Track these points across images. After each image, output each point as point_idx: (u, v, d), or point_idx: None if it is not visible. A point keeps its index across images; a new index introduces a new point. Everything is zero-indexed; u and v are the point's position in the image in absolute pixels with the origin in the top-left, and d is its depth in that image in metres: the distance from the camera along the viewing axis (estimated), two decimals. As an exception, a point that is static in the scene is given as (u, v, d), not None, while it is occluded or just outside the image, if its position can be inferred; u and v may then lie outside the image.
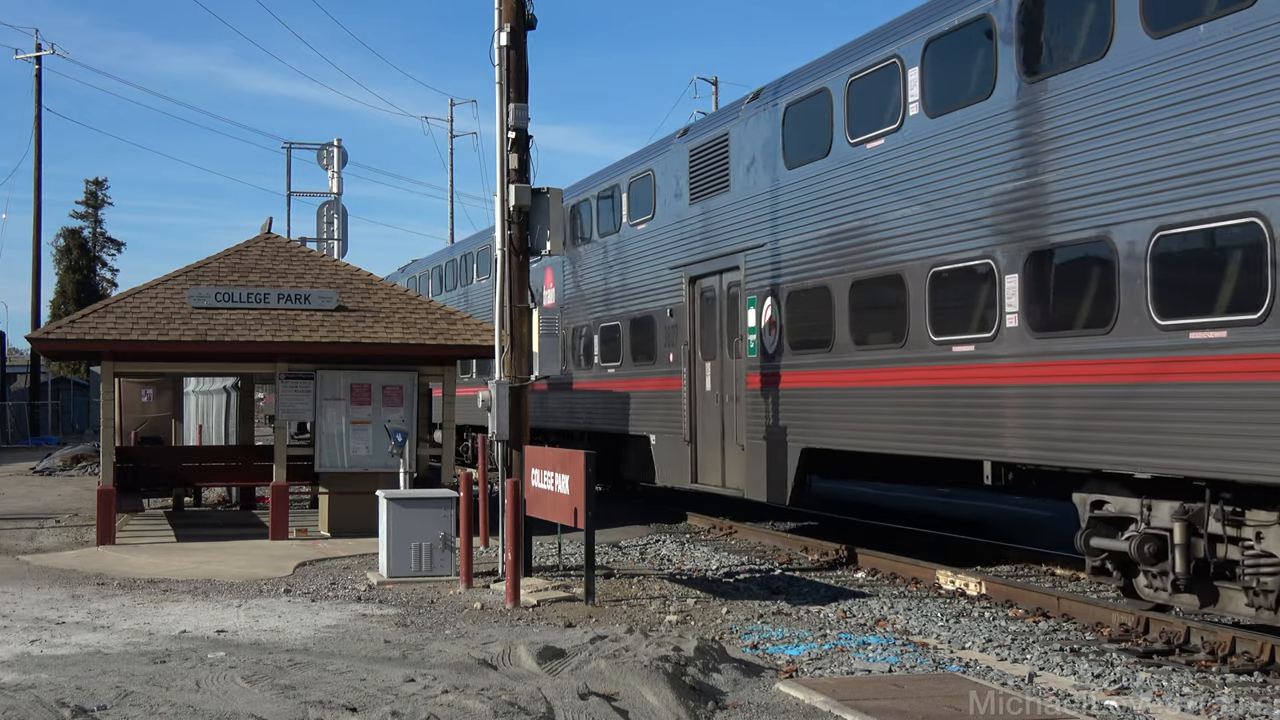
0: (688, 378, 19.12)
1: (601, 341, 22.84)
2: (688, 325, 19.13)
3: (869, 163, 14.71)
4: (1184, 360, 10.36)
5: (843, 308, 15.15)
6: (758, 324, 17.04)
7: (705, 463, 18.81)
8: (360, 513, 17.51)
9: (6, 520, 20.90)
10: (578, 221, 24.00)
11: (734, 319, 17.85)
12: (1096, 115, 11.29)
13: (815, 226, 15.80)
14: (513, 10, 14.28)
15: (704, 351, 18.85)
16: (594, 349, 23.21)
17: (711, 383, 18.59)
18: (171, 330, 17.39)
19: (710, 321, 18.67)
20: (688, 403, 19.08)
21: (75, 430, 61.47)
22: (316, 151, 40.37)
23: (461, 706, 7.96)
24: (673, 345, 19.65)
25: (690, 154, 19.23)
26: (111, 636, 10.74)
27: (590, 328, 23.36)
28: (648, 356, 20.67)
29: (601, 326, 22.82)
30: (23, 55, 51.55)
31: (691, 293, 19.13)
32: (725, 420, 18.13)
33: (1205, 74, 10.14)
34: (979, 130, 12.87)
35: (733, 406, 17.86)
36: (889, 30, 14.71)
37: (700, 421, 18.93)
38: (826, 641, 10.58)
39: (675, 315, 19.59)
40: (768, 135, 17.01)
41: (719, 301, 18.34)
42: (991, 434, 12.71)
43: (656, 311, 20.31)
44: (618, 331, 22.02)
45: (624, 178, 21.96)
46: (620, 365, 21.88)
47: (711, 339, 18.60)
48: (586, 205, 23.68)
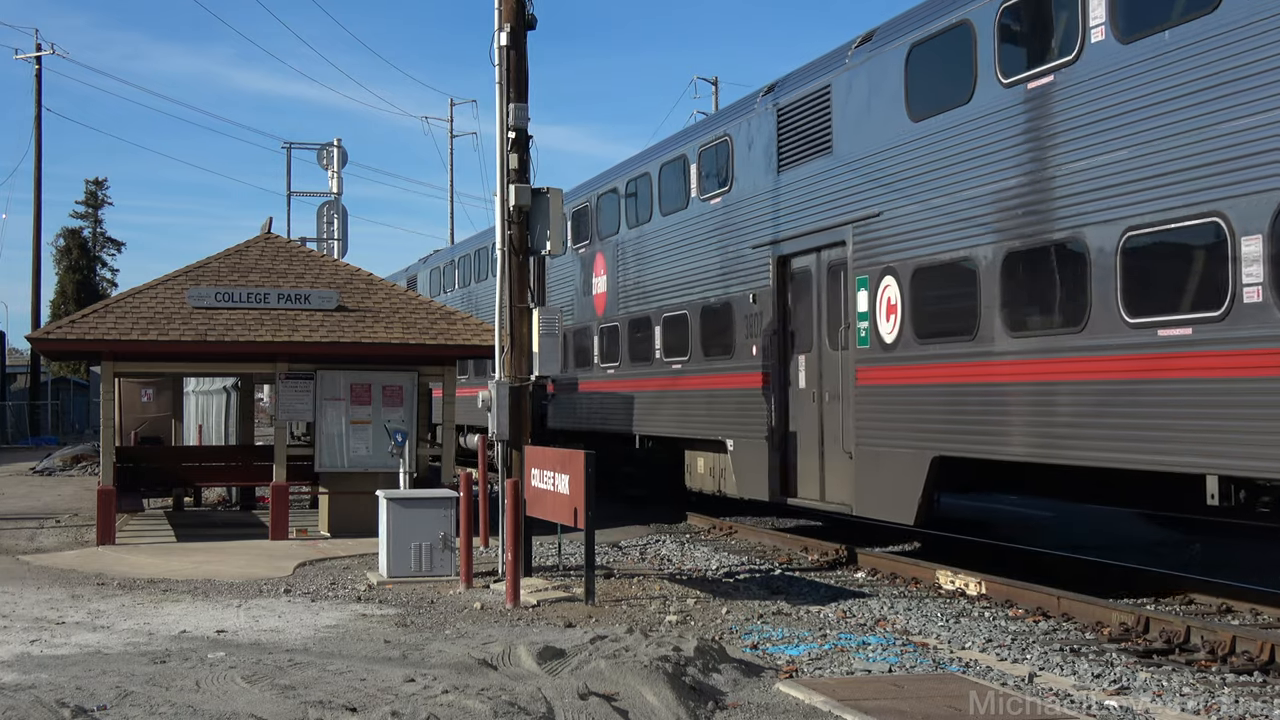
0: (775, 373, 16.79)
1: (664, 334, 20.53)
2: (775, 312, 16.78)
3: (1031, 106, 12.28)
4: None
5: (991, 286, 12.72)
6: (871, 308, 14.63)
7: (799, 473, 16.38)
8: (360, 513, 17.52)
9: (6, 520, 20.90)
10: (632, 201, 21.89)
11: (836, 303, 15.52)
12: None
13: (954, 188, 13.30)
14: (513, 10, 14.28)
15: (796, 343, 16.52)
16: (654, 342, 20.83)
17: (806, 379, 16.22)
18: (171, 330, 17.40)
19: (805, 307, 16.33)
20: (775, 403, 16.79)
21: (75, 430, 61.49)
22: (316, 151, 40.37)
23: (461, 706, 7.96)
24: (755, 336, 17.34)
25: (779, 114, 16.77)
26: (111, 636, 10.74)
27: (650, 318, 21.02)
28: (723, 350, 18.37)
29: (665, 317, 20.45)
30: (23, 55, 51.62)
31: (780, 274, 16.77)
32: (825, 423, 15.79)
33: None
34: (1208, 51, 10.40)
35: (835, 407, 15.52)
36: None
37: (792, 425, 16.62)
38: (826, 641, 10.58)
39: (759, 301, 17.21)
40: (885, 83, 14.52)
41: (817, 284, 15.98)
42: (1217, 440, 10.35)
43: (735, 298, 17.96)
44: (684, 322, 19.72)
45: (691, 147, 19.63)
46: (688, 360, 19.58)
47: (806, 328, 16.28)
48: (643, 181, 21.40)
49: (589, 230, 23.87)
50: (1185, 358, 10.66)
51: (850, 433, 15.01)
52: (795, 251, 16.46)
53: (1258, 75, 9.97)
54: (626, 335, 21.98)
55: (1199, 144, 10.50)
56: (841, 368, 15.33)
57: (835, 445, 15.50)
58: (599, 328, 23.34)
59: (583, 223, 24.22)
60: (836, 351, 15.51)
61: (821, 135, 15.80)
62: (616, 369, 22.40)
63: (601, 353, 23.23)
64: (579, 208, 24.30)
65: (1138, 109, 11.13)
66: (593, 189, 24.02)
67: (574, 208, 24.35)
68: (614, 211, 22.67)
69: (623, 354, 22.08)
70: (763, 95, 17.53)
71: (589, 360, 23.80)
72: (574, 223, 24.46)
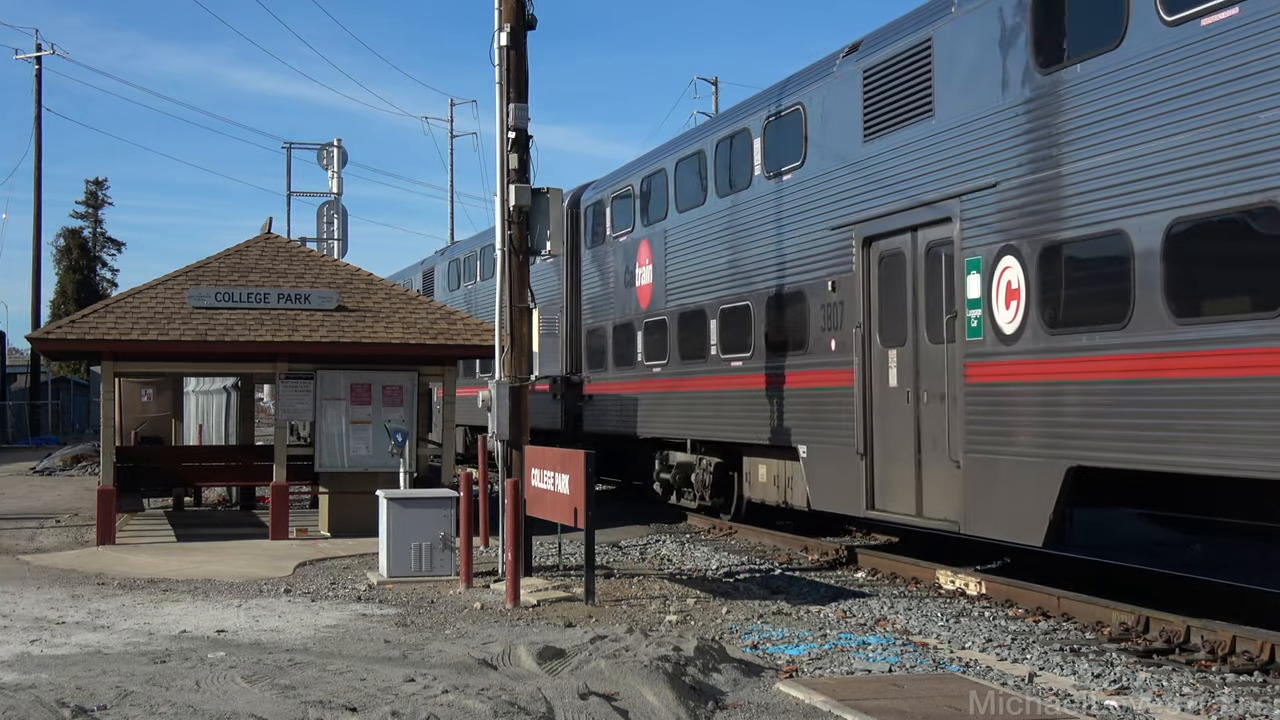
0: (860, 370, 14.84)
1: (721, 328, 18.63)
2: (861, 301, 14.84)
3: (1208, 44, 10.18)
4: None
5: (1151, 265, 10.66)
6: (985, 294, 12.66)
7: (890, 484, 14.44)
8: (360, 513, 17.52)
9: (6, 520, 20.90)
10: (683, 183, 20.02)
11: (937, 289, 13.58)
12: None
13: (1101, 149, 11.27)
14: (513, 10, 14.28)
15: (886, 335, 14.54)
16: (709, 337, 18.97)
17: (899, 376, 14.25)
18: (171, 330, 17.40)
19: (896, 294, 14.36)
20: (861, 403, 14.81)
21: (75, 430, 61.49)
22: (316, 151, 40.39)
23: (461, 706, 7.96)
24: (834, 328, 15.44)
25: (865, 76, 14.86)
26: (111, 636, 10.74)
27: (704, 311, 19.15)
28: (794, 344, 16.47)
29: (722, 309, 18.57)
30: (23, 55, 51.61)
31: (866, 258, 14.83)
32: (923, 426, 13.80)
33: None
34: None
35: (937, 408, 13.55)
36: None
37: (879, 429, 14.64)
38: (826, 641, 10.58)
39: (839, 289, 15.31)
40: (1005, 30, 12.57)
41: (912, 267, 14.04)
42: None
43: (809, 285, 16.03)
44: (746, 314, 17.82)
45: (754, 120, 17.73)
46: (750, 356, 17.69)
47: (899, 318, 14.30)
48: (697, 160, 19.62)
49: (631, 216, 22.17)
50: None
51: (958, 438, 12.97)
52: (885, 231, 14.53)
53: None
54: (676, 330, 20.20)
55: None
56: (946, 363, 13.34)
57: (937, 452, 13.49)
58: (644, 322, 21.43)
59: (624, 208, 22.52)
60: (938, 345, 13.53)
61: (919, 97, 13.88)
62: (664, 367, 20.60)
63: (646, 350, 21.35)
64: (620, 192, 22.70)
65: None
66: (636, 171, 22.29)
67: (615, 192, 22.89)
68: (661, 195, 20.88)
69: (671, 351, 20.32)
70: (843, 56, 15.63)
71: (631, 358, 22.00)
72: (614, 209, 22.93)
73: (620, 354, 22.51)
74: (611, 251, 22.92)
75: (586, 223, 24.34)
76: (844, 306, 15.27)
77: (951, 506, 13.19)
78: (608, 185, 23.52)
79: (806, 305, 16.15)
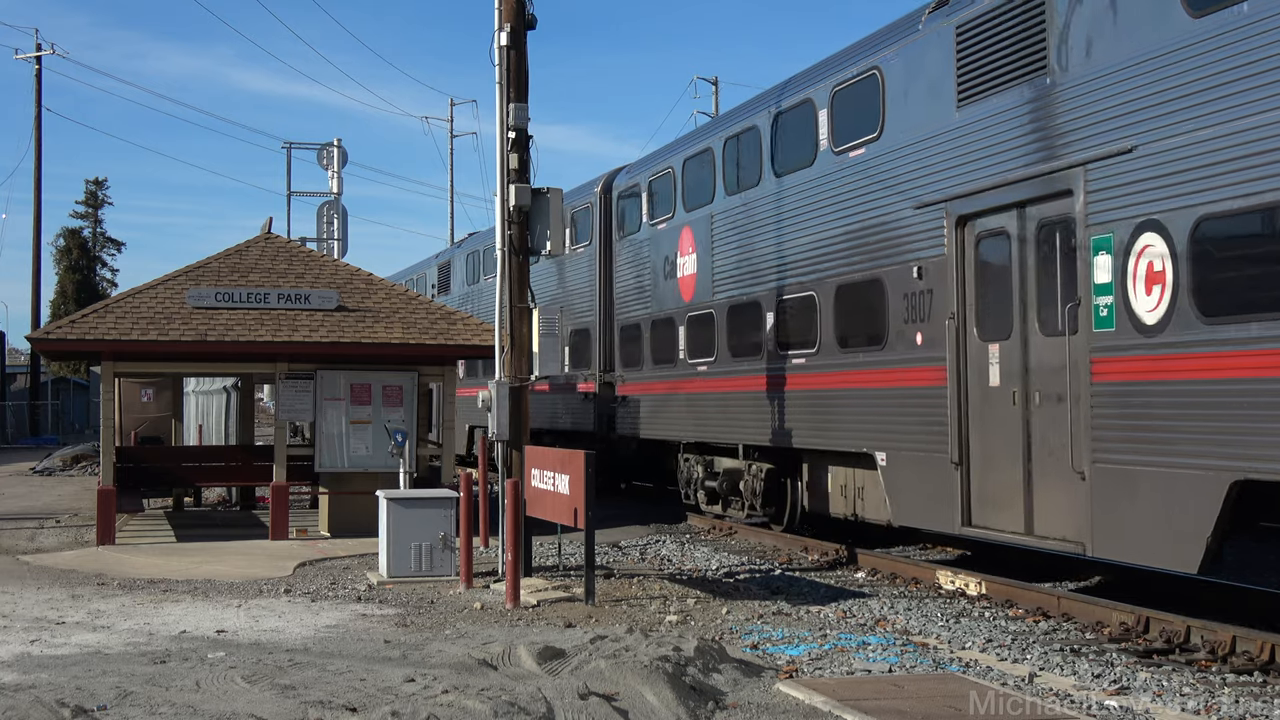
0: (954, 368, 13.24)
1: (779, 321, 16.97)
2: (955, 288, 13.25)
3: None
4: None
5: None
6: (1117, 278, 10.95)
7: (992, 497, 12.81)
8: (360, 513, 17.53)
9: (6, 520, 20.91)
10: (732, 162, 18.44)
11: (1052, 274, 11.96)
12: None
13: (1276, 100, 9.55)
14: (513, 10, 14.29)
15: (986, 327, 12.93)
16: (764, 332, 17.35)
17: (1002, 374, 12.64)
18: (171, 330, 17.40)
19: (998, 281, 12.79)
20: (955, 405, 13.20)
21: (75, 430, 61.53)
22: (316, 151, 40.40)
23: (461, 706, 7.96)
24: (920, 320, 13.88)
25: (959, 33, 13.24)
26: (111, 636, 10.74)
27: (759, 303, 17.54)
28: (869, 339, 14.94)
29: (781, 300, 16.98)
30: (23, 55, 51.66)
31: (960, 239, 13.24)
32: (1034, 432, 12.17)
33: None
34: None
35: (1052, 410, 11.90)
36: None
37: (977, 434, 13.02)
38: (826, 641, 10.58)
39: (927, 275, 13.72)
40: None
41: (1018, 248, 12.45)
42: None
43: (888, 272, 14.45)
44: (810, 306, 16.18)
45: (819, 90, 16.09)
46: (815, 353, 16.09)
47: (1002, 308, 12.68)
48: (748, 137, 17.97)
49: (671, 201, 20.56)
50: None
51: (1082, 445, 11.33)
52: (985, 209, 12.92)
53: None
54: (725, 324, 18.57)
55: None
56: (1068, 358, 11.61)
57: (1053, 461, 11.88)
58: (686, 316, 19.84)
59: (662, 193, 20.98)
60: (1054, 338, 11.92)
61: (1029, 53, 12.23)
62: (710, 365, 19.00)
63: (689, 346, 19.74)
64: (658, 175, 21.13)
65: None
66: (677, 152, 20.66)
67: (652, 176, 21.33)
68: (706, 176, 19.22)
69: (719, 347, 18.69)
70: (929, 12, 14.07)
71: (671, 355, 20.43)
72: (651, 194, 21.39)
73: (659, 351, 21.04)
74: (649, 241, 21.41)
75: (620, 211, 22.88)
76: (932, 295, 13.68)
77: (1073, 524, 11.53)
78: (644, 169, 22.01)
79: (885, 295, 14.55)
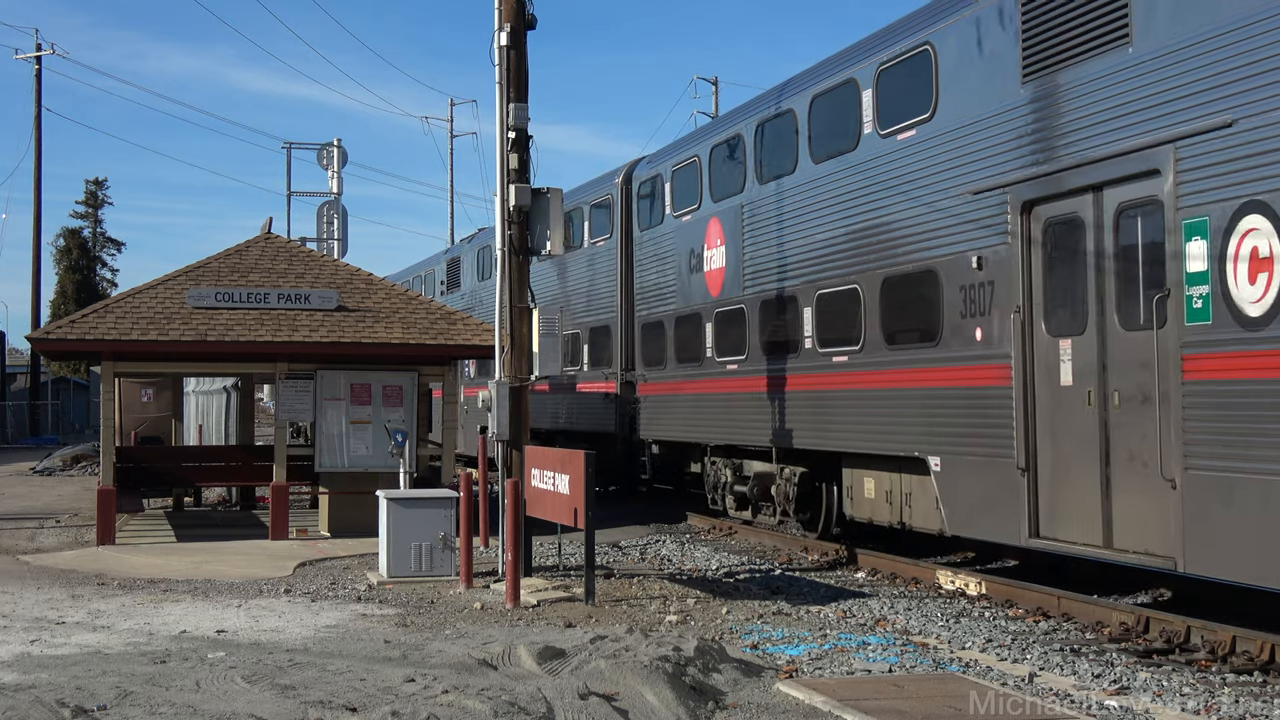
0: (1020, 365, 12.27)
1: (819, 316, 16.04)
2: (1021, 280, 12.27)
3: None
4: None
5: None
6: (1214, 265, 10.00)
7: (1064, 506, 11.85)
8: (360, 513, 17.54)
9: (6, 520, 20.91)
10: (765, 149, 17.43)
11: (1135, 263, 11.00)
12: None
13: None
14: (513, 10, 14.29)
15: (1056, 321, 11.99)
16: (801, 328, 16.40)
17: (1075, 372, 11.68)
18: (171, 330, 17.41)
19: (1070, 270, 11.80)
20: (1021, 405, 12.24)
21: (75, 430, 61.54)
22: (316, 151, 40.38)
23: (461, 706, 7.96)
24: (980, 314, 12.92)
25: (1024, 3, 12.25)
26: (111, 636, 10.74)
27: (795, 298, 16.52)
28: (922, 335, 14.05)
29: (820, 294, 16.02)
30: (23, 55, 51.64)
31: (1026, 226, 12.27)
32: (1113, 435, 11.23)
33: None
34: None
35: (1136, 412, 10.93)
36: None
37: (1049, 437, 12.03)
38: (826, 641, 10.58)
39: (988, 266, 12.75)
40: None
41: (1096, 235, 11.44)
42: None
43: (943, 263, 13.52)
44: (854, 300, 15.21)
45: (863, 68, 15.09)
46: (860, 350, 15.09)
47: (1075, 300, 11.74)
48: (782, 122, 16.96)
49: (696, 191, 19.65)
50: None
51: (1172, 450, 10.40)
52: (1054, 193, 11.93)
53: None
54: (757, 320, 17.57)
55: None
56: (1154, 354, 10.62)
57: (1137, 467, 10.96)
58: (714, 312, 18.90)
59: (687, 183, 19.99)
60: (1136, 332, 10.99)
61: (1108, 20, 11.26)
62: (741, 363, 18.10)
63: (717, 343, 18.86)
64: (682, 165, 20.18)
65: None
66: (701, 140, 19.83)
67: (676, 165, 20.40)
68: (736, 164, 18.25)
69: (751, 344, 17.74)
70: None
71: (697, 353, 19.59)
72: (675, 184, 20.39)
73: (684, 349, 20.10)
74: (672, 233, 20.42)
75: (641, 203, 21.98)
76: (993, 288, 12.70)
77: (1161, 537, 10.65)
78: (667, 158, 21.04)
79: (940, 288, 13.61)
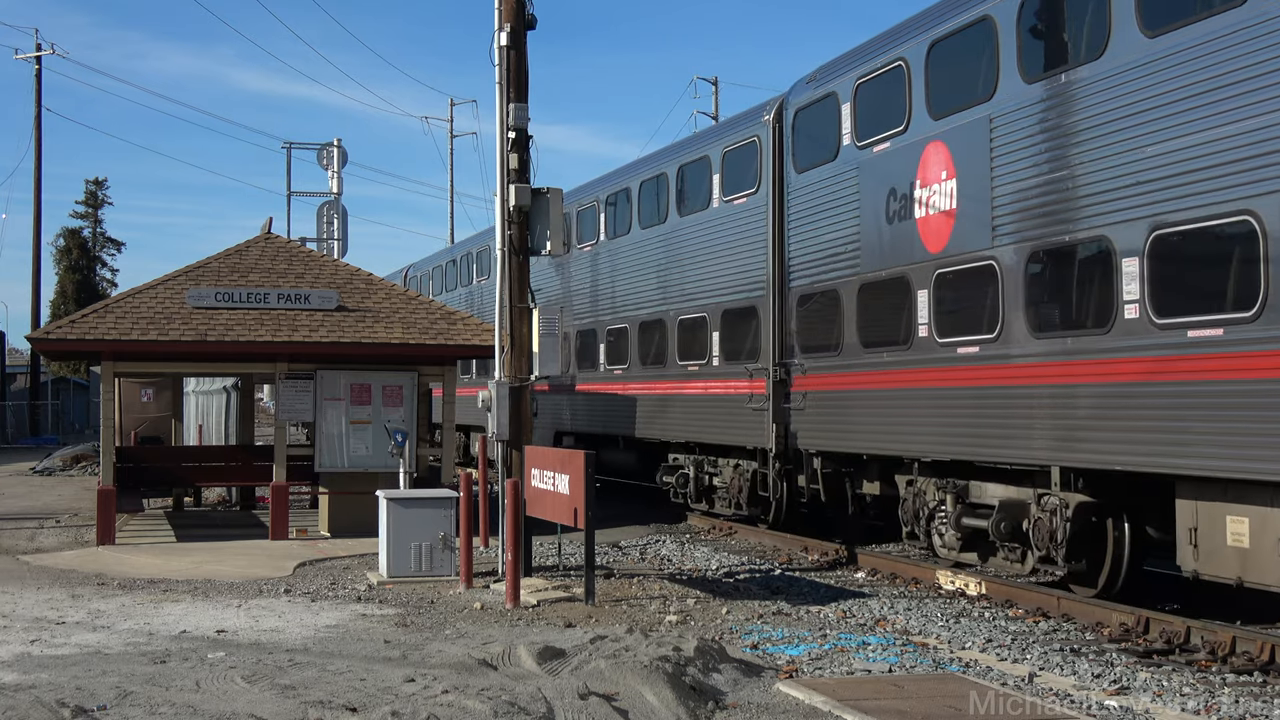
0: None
1: (1156, 270, 10.96)
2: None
3: None
4: None
5: None
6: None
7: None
8: (360, 513, 17.53)
9: (6, 520, 20.90)
10: (1026, 37, 12.61)
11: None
12: None
13: None
14: (513, 10, 14.29)
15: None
16: (1117, 291, 11.34)
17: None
18: (171, 330, 17.40)
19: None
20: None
21: (75, 430, 61.49)
22: (316, 151, 40.44)
23: (461, 706, 7.96)
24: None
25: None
26: (111, 636, 10.74)
27: (1108, 247, 11.43)
28: None
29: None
30: (23, 55, 51.57)
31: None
32: None
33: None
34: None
35: None
36: None
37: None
38: (826, 641, 10.58)
39: None
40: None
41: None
42: None
43: None
44: (1234, 243, 10.27)
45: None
46: (1256, 318, 9.92)
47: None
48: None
49: (902, 108, 14.77)
50: None
51: None
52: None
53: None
54: (1022, 282, 12.63)
55: None
56: None
57: None
58: (934, 274, 13.97)
59: (884, 97, 15.18)
60: None
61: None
62: (990, 345, 13.14)
63: (939, 319, 13.94)
64: (874, 74, 15.32)
65: None
66: (908, 36, 14.84)
67: (860, 77, 15.62)
68: (978, 61, 13.46)
69: (1010, 319, 12.76)
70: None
71: (901, 332, 14.63)
72: (861, 104, 15.60)
73: (873, 328, 15.35)
74: (856, 170, 15.65)
75: (801, 137, 17.22)
76: None
77: None
78: (845, 69, 16.10)
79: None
